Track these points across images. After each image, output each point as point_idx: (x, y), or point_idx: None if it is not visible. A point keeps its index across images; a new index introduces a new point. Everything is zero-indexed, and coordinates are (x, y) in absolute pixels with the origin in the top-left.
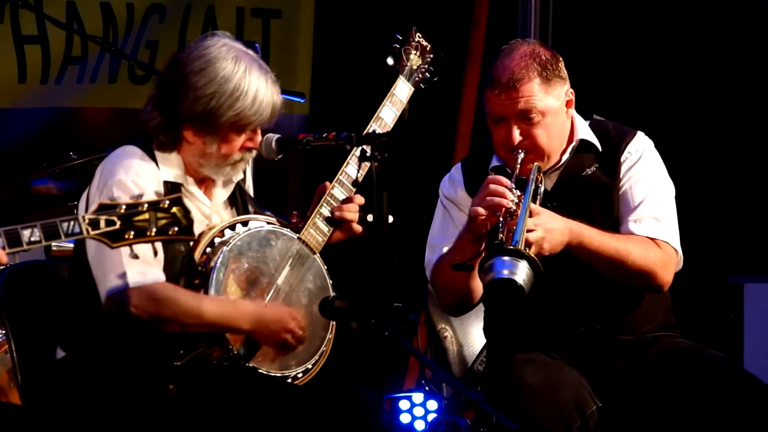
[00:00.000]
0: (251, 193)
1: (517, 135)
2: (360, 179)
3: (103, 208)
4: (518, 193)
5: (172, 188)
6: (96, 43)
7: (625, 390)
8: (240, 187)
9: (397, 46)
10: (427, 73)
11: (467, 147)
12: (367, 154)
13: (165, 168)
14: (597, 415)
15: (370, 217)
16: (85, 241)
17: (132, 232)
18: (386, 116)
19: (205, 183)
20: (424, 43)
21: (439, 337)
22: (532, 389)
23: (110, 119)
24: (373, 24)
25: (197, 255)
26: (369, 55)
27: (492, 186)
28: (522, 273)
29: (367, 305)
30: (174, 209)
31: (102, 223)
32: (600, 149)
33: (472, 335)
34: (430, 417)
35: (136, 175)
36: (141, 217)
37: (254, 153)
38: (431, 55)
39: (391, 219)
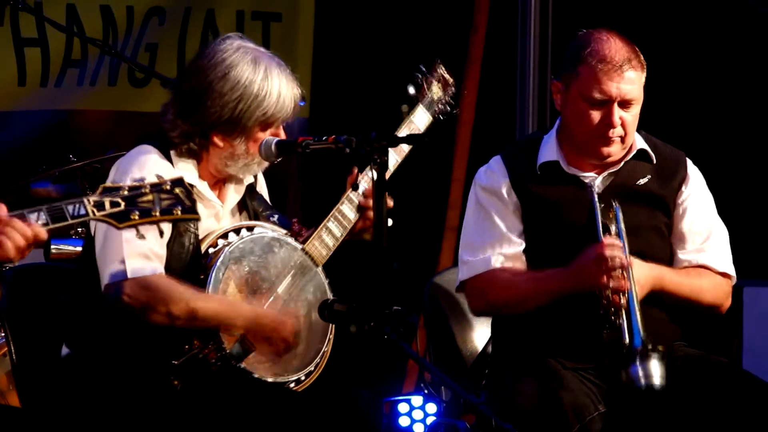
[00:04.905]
0: (265, 194)
1: (617, 118)
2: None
3: (106, 191)
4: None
5: None
6: (96, 46)
7: (633, 395)
8: (251, 190)
9: (420, 76)
10: (447, 106)
11: (467, 151)
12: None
13: (179, 170)
14: (599, 421)
15: (390, 222)
16: (94, 236)
17: (137, 213)
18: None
19: (218, 186)
20: (447, 76)
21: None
22: (530, 394)
23: (110, 122)
24: (373, 28)
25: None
26: (369, 59)
27: (609, 253)
28: (657, 373)
29: (366, 308)
30: (177, 190)
31: (107, 205)
32: (654, 161)
33: (471, 337)
34: (429, 420)
35: (150, 173)
36: (145, 199)
37: None
38: (453, 89)
39: (390, 222)
